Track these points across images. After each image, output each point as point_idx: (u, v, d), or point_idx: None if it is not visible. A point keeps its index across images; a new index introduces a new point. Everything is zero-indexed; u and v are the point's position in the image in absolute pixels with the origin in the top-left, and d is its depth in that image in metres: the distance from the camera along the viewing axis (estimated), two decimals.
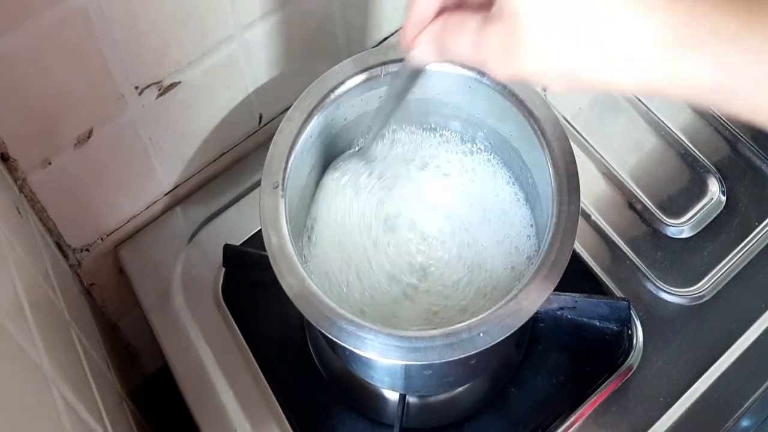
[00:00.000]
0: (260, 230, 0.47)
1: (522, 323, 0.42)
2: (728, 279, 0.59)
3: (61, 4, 0.44)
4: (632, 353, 0.56)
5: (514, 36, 0.30)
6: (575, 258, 0.60)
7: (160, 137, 0.59)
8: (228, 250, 0.60)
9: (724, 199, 0.62)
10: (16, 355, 0.36)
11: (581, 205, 0.47)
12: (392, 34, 0.71)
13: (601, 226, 0.62)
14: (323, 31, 0.63)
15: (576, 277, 0.59)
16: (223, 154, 0.66)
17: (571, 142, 0.47)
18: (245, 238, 0.62)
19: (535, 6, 0.29)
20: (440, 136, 0.58)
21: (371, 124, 0.50)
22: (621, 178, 0.64)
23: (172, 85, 0.56)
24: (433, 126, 0.58)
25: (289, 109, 0.50)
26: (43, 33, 0.45)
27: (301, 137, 0.49)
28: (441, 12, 0.36)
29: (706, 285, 0.59)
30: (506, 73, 0.32)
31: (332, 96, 0.50)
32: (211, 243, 0.62)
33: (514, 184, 0.56)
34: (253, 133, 0.67)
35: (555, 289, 0.43)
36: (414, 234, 0.55)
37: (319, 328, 0.43)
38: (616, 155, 0.65)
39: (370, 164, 0.56)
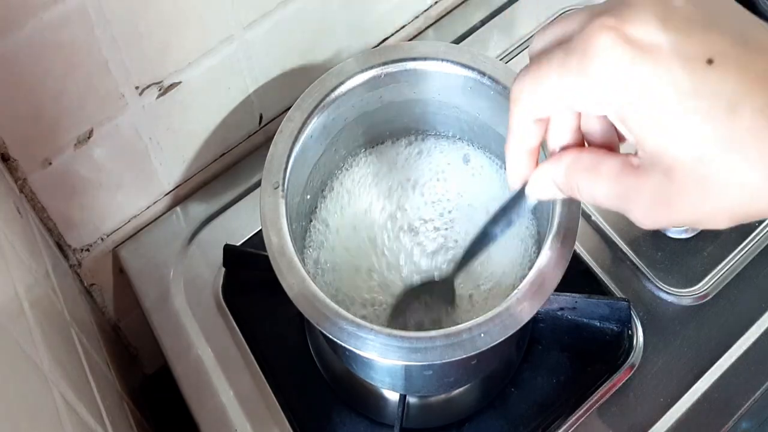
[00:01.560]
0: (260, 230, 0.47)
1: (522, 324, 0.42)
2: (728, 279, 0.59)
3: (62, 4, 0.45)
4: (632, 353, 0.56)
5: (671, 187, 0.28)
6: (576, 258, 0.60)
7: (161, 137, 0.59)
8: (228, 250, 0.60)
9: None
10: (16, 355, 0.36)
11: (581, 205, 0.46)
12: (392, 35, 0.71)
13: (602, 226, 0.62)
14: (323, 31, 0.63)
15: (576, 277, 0.59)
16: (224, 154, 0.66)
17: None
18: (245, 239, 0.62)
19: (694, 158, 0.27)
20: (440, 136, 0.58)
21: (465, 253, 0.46)
22: None
23: (173, 86, 0.56)
24: (432, 126, 0.57)
25: (290, 110, 0.50)
26: (43, 33, 0.45)
27: (302, 137, 0.49)
28: (561, 148, 0.34)
29: (706, 285, 0.59)
30: (659, 223, 0.30)
31: (332, 96, 0.50)
32: (211, 243, 0.62)
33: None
34: (254, 133, 0.67)
35: (555, 290, 0.43)
36: (411, 234, 0.55)
37: (319, 328, 0.43)
38: None
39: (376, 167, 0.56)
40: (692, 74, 0.27)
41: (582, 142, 0.34)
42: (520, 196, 0.37)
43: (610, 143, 0.33)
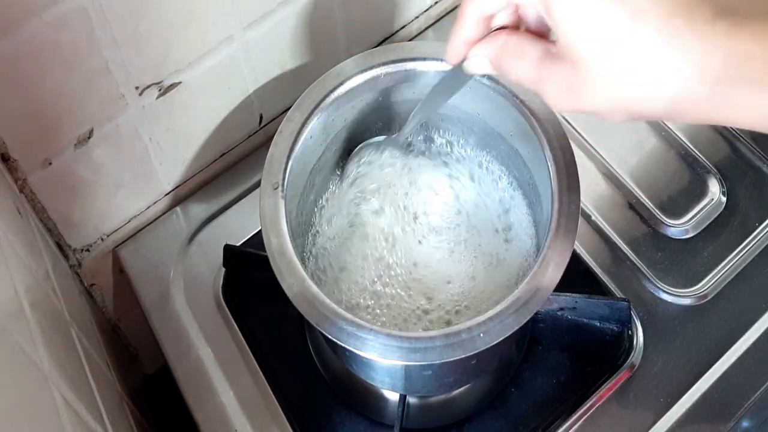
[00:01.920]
0: (260, 230, 0.47)
1: (522, 323, 0.42)
2: (729, 279, 0.59)
3: (62, 4, 0.44)
4: (632, 354, 0.56)
5: (576, 77, 0.32)
6: (575, 258, 0.60)
7: (161, 137, 0.59)
8: (228, 250, 0.60)
9: (724, 199, 0.62)
10: (16, 355, 0.36)
11: (581, 205, 0.47)
12: (392, 35, 0.71)
13: (602, 226, 0.62)
14: (323, 31, 0.63)
15: (576, 277, 0.59)
16: (224, 154, 0.66)
17: (571, 142, 0.47)
18: (245, 239, 0.62)
19: (595, 51, 0.30)
20: (440, 136, 0.58)
21: (410, 118, 0.50)
22: (621, 179, 0.64)
23: (173, 86, 0.56)
24: (432, 127, 0.57)
25: (290, 110, 0.50)
26: (43, 33, 0.45)
27: (302, 138, 0.49)
28: (485, 23, 0.37)
29: (706, 285, 0.59)
30: (565, 107, 0.34)
31: (332, 96, 0.50)
32: (211, 243, 0.62)
33: (513, 184, 0.56)
34: (254, 133, 0.67)
35: (555, 290, 0.43)
36: (411, 233, 0.55)
37: (319, 328, 0.43)
38: (617, 155, 0.65)
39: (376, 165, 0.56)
40: None
41: (517, 25, 0.37)
42: (457, 70, 0.40)
43: (542, 31, 0.36)
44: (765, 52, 0.28)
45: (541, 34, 0.36)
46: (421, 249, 0.55)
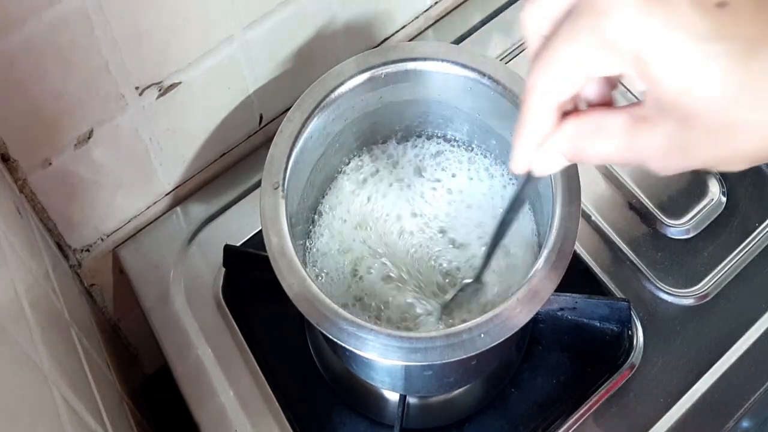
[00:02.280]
0: (261, 230, 0.47)
1: (523, 324, 0.42)
2: (729, 280, 0.59)
3: (61, 5, 0.44)
4: (633, 354, 0.56)
5: (689, 134, 0.28)
6: (576, 259, 0.60)
7: (161, 137, 0.59)
8: (228, 250, 0.60)
9: (724, 199, 0.62)
10: (16, 355, 0.36)
11: (581, 205, 0.46)
12: (393, 35, 0.71)
13: (602, 226, 0.62)
14: (323, 31, 0.63)
15: (576, 277, 0.59)
16: (224, 154, 0.66)
17: None
18: (245, 239, 0.62)
19: (714, 101, 0.27)
20: (440, 136, 0.58)
21: (488, 247, 0.46)
22: (621, 179, 0.64)
23: (173, 86, 0.56)
24: (432, 127, 0.57)
25: (290, 110, 0.50)
26: (43, 33, 0.45)
27: (302, 138, 0.49)
28: (557, 116, 0.33)
29: (706, 286, 0.59)
30: (675, 169, 0.30)
31: (333, 96, 0.50)
32: (211, 243, 0.62)
33: (513, 185, 0.56)
34: (254, 133, 0.67)
35: (555, 290, 0.43)
36: (413, 235, 0.55)
37: (319, 328, 0.43)
38: None
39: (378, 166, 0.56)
40: (706, 17, 0.26)
41: (577, 107, 0.33)
42: (528, 177, 0.37)
43: (607, 101, 0.33)
44: None
45: (608, 104, 0.33)
46: (422, 249, 0.55)
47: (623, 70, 0.29)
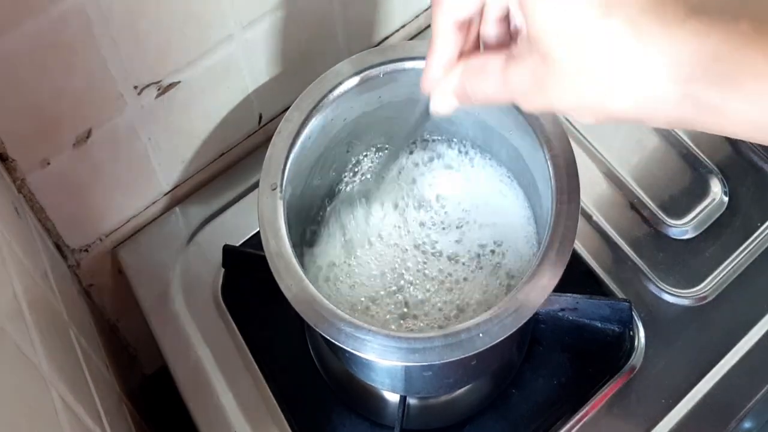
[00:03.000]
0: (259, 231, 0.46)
1: (521, 324, 0.42)
2: (730, 280, 0.59)
3: (60, 4, 0.44)
4: (634, 354, 0.56)
5: (544, 71, 0.31)
6: (576, 259, 0.59)
7: (160, 137, 0.59)
8: (227, 250, 0.59)
9: (726, 199, 0.62)
10: (14, 356, 0.36)
11: (582, 205, 0.46)
12: (392, 34, 0.71)
13: (603, 226, 0.61)
14: (323, 30, 0.63)
15: (577, 277, 0.59)
16: (223, 154, 0.66)
17: (572, 142, 0.47)
18: (245, 239, 0.62)
19: (564, 44, 0.30)
20: (439, 135, 0.58)
21: (384, 158, 0.50)
22: (622, 179, 0.63)
23: (172, 85, 0.56)
24: (432, 126, 0.57)
25: (288, 110, 0.50)
26: (41, 33, 0.45)
27: (300, 138, 0.49)
28: (460, 35, 0.36)
29: (708, 286, 0.59)
30: (536, 106, 0.33)
31: (332, 96, 0.50)
32: (210, 244, 0.62)
33: (513, 183, 0.56)
34: (253, 133, 0.67)
35: (556, 290, 0.43)
36: (412, 234, 0.55)
37: (317, 330, 0.42)
38: (618, 155, 0.64)
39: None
40: None
41: (478, 48, 0.37)
42: (425, 112, 0.40)
43: (504, 45, 0.36)
44: (734, 53, 0.27)
45: (503, 48, 0.36)
46: (422, 249, 0.54)
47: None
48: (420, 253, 0.54)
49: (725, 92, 0.27)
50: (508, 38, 0.36)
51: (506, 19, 0.36)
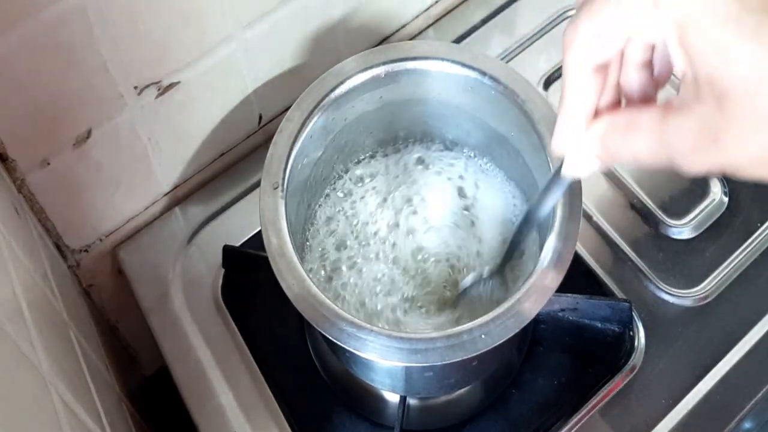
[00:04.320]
0: (260, 231, 0.46)
1: (523, 325, 0.42)
2: (731, 280, 0.59)
3: (60, 4, 0.44)
4: (634, 355, 0.56)
5: (719, 121, 0.26)
6: (577, 259, 0.59)
7: (159, 137, 0.58)
8: (227, 251, 0.59)
9: (726, 200, 0.62)
10: (14, 356, 0.36)
11: (582, 205, 0.46)
12: (393, 34, 0.71)
13: (603, 227, 0.61)
14: (323, 31, 0.63)
15: (577, 278, 0.59)
16: (223, 154, 0.66)
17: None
18: (245, 239, 0.62)
19: (753, 81, 0.25)
20: (440, 136, 0.58)
21: (509, 243, 0.47)
22: (622, 179, 0.63)
23: (172, 85, 0.55)
24: (433, 126, 0.57)
25: (289, 110, 0.50)
26: (41, 32, 0.45)
27: (301, 137, 0.49)
28: (599, 80, 0.32)
29: (708, 286, 0.59)
30: (707, 165, 0.28)
31: (332, 96, 0.50)
32: (210, 244, 0.62)
33: (514, 185, 0.56)
34: (253, 133, 0.67)
35: (556, 291, 0.43)
36: (412, 234, 0.55)
37: (319, 329, 0.42)
38: None
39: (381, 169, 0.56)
40: None
41: (619, 102, 0.32)
42: (557, 175, 0.36)
43: (649, 96, 0.32)
44: None
45: (649, 101, 0.32)
46: (422, 250, 0.54)
47: (664, 34, 0.27)
48: (420, 253, 0.54)
49: None
50: (654, 88, 0.32)
51: (650, 64, 0.32)
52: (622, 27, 0.29)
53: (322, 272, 0.54)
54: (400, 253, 0.54)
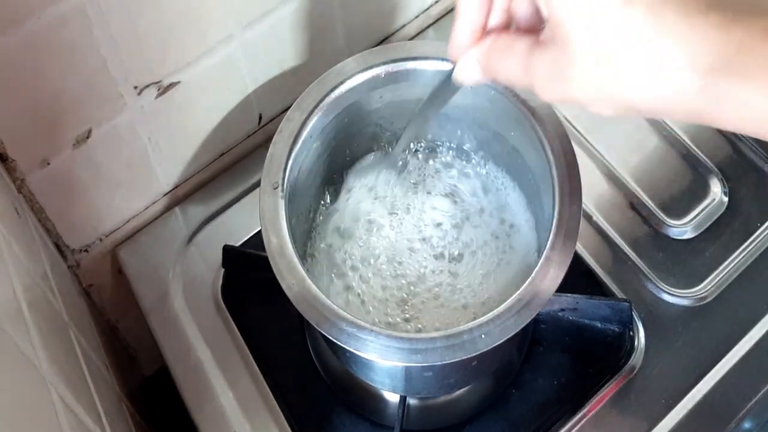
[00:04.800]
0: (260, 231, 0.46)
1: (523, 325, 0.42)
2: (730, 280, 0.59)
3: (60, 4, 0.44)
4: (634, 355, 0.56)
5: (565, 60, 0.31)
6: (577, 259, 0.59)
7: (159, 137, 0.58)
8: (227, 250, 0.59)
9: (726, 200, 0.62)
10: (14, 356, 0.36)
11: (583, 205, 0.46)
12: (393, 34, 0.71)
13: (603, 227, 0.61)
14: (323, 31, 0.63)
15: (577, 278, 0.59)
16: (223, 154, 0.66)
17: (573, 143, 0.47)
18: (245, 239, 0.62)
19: (585, 32, 0.29)
20: (440, 136, 0.58)
21: (404, 132, 0.50)
22: (623, 179, 0.63)
23: (172, 85, 0.55)
24: (433, 126, 0.57)
25: (289, 109, 0.50)
26: (41, 32, 0.45)
27: (301, 137, 0.49)
28: (486, 30, 0.36)
29: (708, 286, 0.59)
30: (555, 96, 0.32)
31: (332, 96, 0.50)
32: (210, 244, 0.62)
33: (514, 185, 0.56)
34: (253, 133, 0.67)
35: (556, 291, 0.43)
36: (413, 233, 0.55)
37: (319, 329, 0.42)
38: (618, 155, 0.65)
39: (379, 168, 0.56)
40: None
41: (508, 25, 0.37)
42: (447, 81, 0.40)
43: (534, 27, 0.35)
44: (757, 47, 0.27)
45: (533, 31, 0.35)
46: (423, 250, 0.54)
47: None
48: (419, 254, 0.54)
49: (746, 84, 0.27)
50: (540, 22, 0.35)
51: None
52: None
53: (323, 272, 0.54)
54: (399, 251, 0.54)
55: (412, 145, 0.58)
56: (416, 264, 0.54)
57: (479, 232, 0.55)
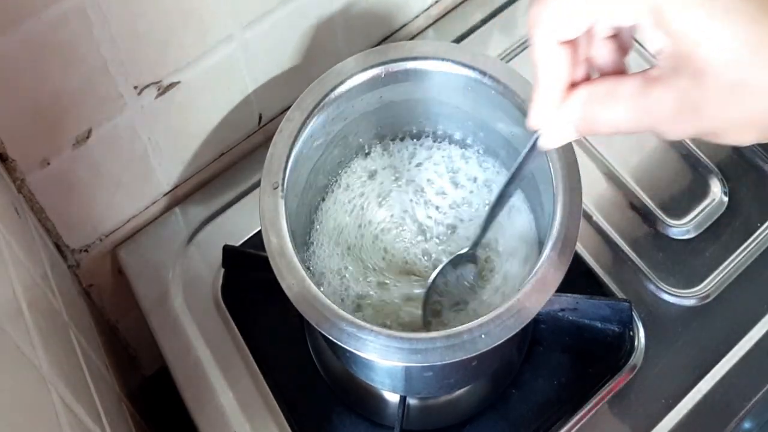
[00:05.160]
0: (260, 231, 0.46)
1: (523, 325, 0.42)
2: (730, 280, 0.59)
3: (60, 4, 0.44)
4: (634, 355, 0.56)
5: (697, 90, 0.28)
6: (577, 259, 0.59)
7: (159, 137, 0.58)
8: (227, 250, 0.59)
9: (726, 199, 0.62)
10: (14, 356, 0.36)
11: (583, 205, 0.46)
12: (393, 34, 0.71)
13: (603, 227, 0.61)
14: (323, 30, 0.63)
15: (577, 278, 0.59)
16: (223, 154, 0.66)
17: (573, 142, 0.47)
18: (245, 239, 0.62)
19: (731, 54, 0.27)
20: (440, 136, 0.58)
21: (484, 222, 0.47)
22: (622, 179, 0.63)
23: (172, 85, 0.55)
24: (433, 126, 0.57)
25: (289, 109, 0.50)
26: (41, 32, 0.45)
27: (301, 137, 0.49)
28: (569, 54, 0.32)
29: (708, 286, 0.59)
30: (688, 132, 0.30)
31: (332, 96, 0.50)
32: (210, 244, 0.62)
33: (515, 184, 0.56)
34: (253, 133, 0.67)
35: (556, 291, 0.43)
36: (414, 233, 0.55)
37: (319, 329, 0.42)
38: (618, 155, 0.65)
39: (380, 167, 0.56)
40: None
41: (589, 75, 0.33)
42: (533, 149, 0.37)
43: (620, 69, 0.33)
44: None
45: (619, 72, 0.33)
46: (423, 250, 0.54)
47: (639, 20, 0.29)
48: (422, 251, 0.54)
49: None
50: (621, 57, 0.33)
51: (617, 37, 0.33)
52: (592, 11, 0.30)
53: (324, 272, 0.54)
54: (400, 251, 0.54)
55: (412, 144, 0.58)
56: (418, 263, 0.54)
57: (476, 231, 0.55)
